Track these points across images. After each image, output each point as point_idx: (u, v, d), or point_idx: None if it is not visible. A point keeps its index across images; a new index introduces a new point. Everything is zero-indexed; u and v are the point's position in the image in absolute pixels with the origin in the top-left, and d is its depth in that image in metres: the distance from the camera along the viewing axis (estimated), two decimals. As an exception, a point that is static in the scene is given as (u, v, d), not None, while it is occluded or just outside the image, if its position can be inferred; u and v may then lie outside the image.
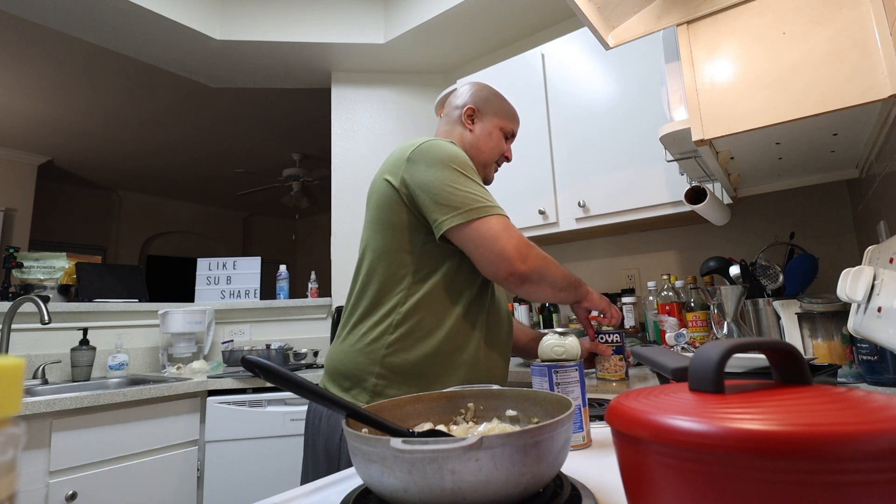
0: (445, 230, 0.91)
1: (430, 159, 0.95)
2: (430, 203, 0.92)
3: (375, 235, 0.99)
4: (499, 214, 0.93)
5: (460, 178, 0.93)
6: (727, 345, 0.33)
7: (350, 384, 0.93)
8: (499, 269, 0.91)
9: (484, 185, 0.98)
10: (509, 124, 1.17)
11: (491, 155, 1.13)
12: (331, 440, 0.91)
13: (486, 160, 1.13)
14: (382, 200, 0.98)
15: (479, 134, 1.13)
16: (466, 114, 1.14)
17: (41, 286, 2.17)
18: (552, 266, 0.95)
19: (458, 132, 1.13)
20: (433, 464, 0.39)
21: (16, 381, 0.17)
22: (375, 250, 0.98)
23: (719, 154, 1.20)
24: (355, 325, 0.97)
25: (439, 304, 0.94)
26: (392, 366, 0.91)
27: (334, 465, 0.88)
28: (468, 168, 0.96)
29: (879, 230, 1.16)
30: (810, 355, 1.14)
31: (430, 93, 2.86)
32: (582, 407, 0.66)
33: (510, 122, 1.17)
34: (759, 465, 0.25)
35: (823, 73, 0.93)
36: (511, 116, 1.18)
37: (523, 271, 0.91)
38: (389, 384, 0.91)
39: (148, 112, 4.31)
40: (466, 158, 0.98)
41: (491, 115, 1.14)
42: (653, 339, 1.83)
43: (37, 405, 1.40)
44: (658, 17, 1.13)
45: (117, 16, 2.26)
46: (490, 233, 0.90)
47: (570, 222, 1.90)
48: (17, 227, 4.84)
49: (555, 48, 2.00)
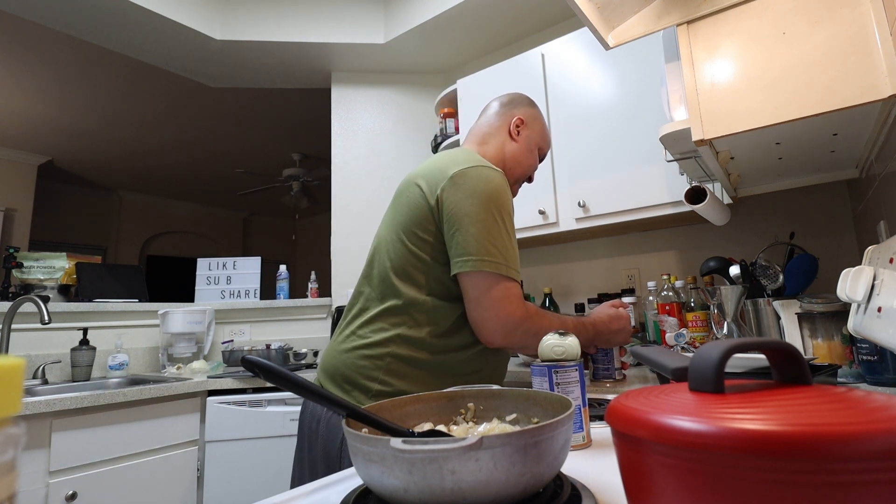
0: (458, 272, 0.90)
1: (473, 190, 0.92)
2: (459, 237, 0.90)
3: (395, 239, 0.97)
4: (511, 280, 0.91)
5: (496, 224, 0.92)
6: (727, 345, 0.33)
7: (351, 387, 0.92)
8: (478, 332, 0.92)
9: (513, 238, 0.96)
10: (545, 146, 1.18)
11: (526, 171, 1.13)
12: (330, 444, 0.90)
13: (520, 176, 1.12)
14: (413, 209, 0.95)
15: (523, 148, 1.11)
16: (516, 124, 1.12)
17: (41, 286, 2.17)
18: (536, 340, 0.85)
19: (502, 140, 1.11)
20: (433, 464, 0.39)
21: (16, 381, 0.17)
22: (392, 255, 0.96)
23: (719, 154, 1.20)
24: (361, 327, 0.95)
25: (446, 317, 0.93)
26: (396, 373, 0.91)
27: (334, 469, 0.86)
28: (505, 211, 0.94)
29: (879, 230, 1.16)
30: (810, 355, 1.14)
31: (430, 93, 2.86)
32: (582, 407, 0.66)
33: (546, 145, 1.18)
34: (759, 465, 0.25)
35: (823, 72, 0.93)
36: (548, 140, 1.18)
37: (499, 344, 0.92)
38: (394, 391, 0.90)
39: (148, 112, 4.31)
40: (507, 197, 0.96)
41: (534, 132, 1.14)
42: (653, 339, 1.83)
43: (37, 405, 1.40)
44: (658, 17, 1.13)
45: (117, 16, 2.26)
46: (494, 296, 0.89)
47: (570, 222, 1.90)
48: (17, 227, 4.84)
49: (555, 48, 2.00)
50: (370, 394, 0.90)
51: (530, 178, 1.16)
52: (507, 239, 0.93)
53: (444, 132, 2.49)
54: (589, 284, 2.21)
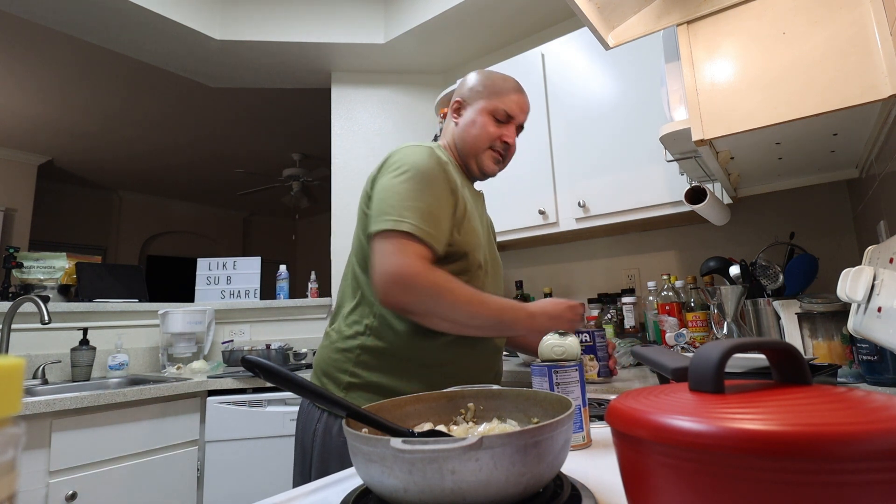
0: (368, 241, 0.88)
1: (390, 165, 0.92)
2: (372, 211, 0.90)
3: (357, 235, 0.99)
4: (405, 235, 0.83)
5: (403, 186, 0.87)
6: (727, 345, 0.33)
7: (327, 380, 0.94)
8: (378, 296, 0.84)
9: (430, 200, 0.88)
10: (501, 104, 1.03)
11: (477, 143, 1.03)
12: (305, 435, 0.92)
13: (472, 149, 1.03)
14: (362, 202, 0.98)
15: (463, 124, 1.05)
16: (453, 108, 1.09)
17: (41, 286, 2.17)
18: (448, 297, 0.83)
19: (450, 129, 1.09)
20: (433, 464, 0.39)
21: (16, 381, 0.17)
22: (355, 249, 0.99)
23: (719, 154, 1.20)
24: (337, 323, 0.98)
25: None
26: (366, 365, 0.91)
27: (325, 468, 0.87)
28: (421, 175, 0.89)
29: (879, 230, 1.16)
30: (810, 355, 1.14)
31: (430, 93, 2.86)
32: (582, 407, 0.66)
33: (502, 102, 1.04)
34: (759, 465, 0.25)
35: (823, 72, 0.93)
36: (502, 95, 1.04)
37: (386, 304, 0.83)
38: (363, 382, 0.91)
39: (148, 112, 4.30)
40: (428, 164, 0.91)
41: (478, 100, 1.05)
42: (653, 339, 1.83)
43: (37, 405, 1.40)
44: (658, 17, 1.13)
45: (117, 16, 2.26)
46: (380, 252, 0.84)
47: (570, 222, 1.90)
48: (17, 227, 4.84)
49: (555, 48, 2.00)
50: (341, 385, 0.91)
51: (506, 142, 1.04)
52: (415, 199, 0.86)
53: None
54: (589, 284, 2.21)
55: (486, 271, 1.01)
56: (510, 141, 1.05)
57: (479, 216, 1.04)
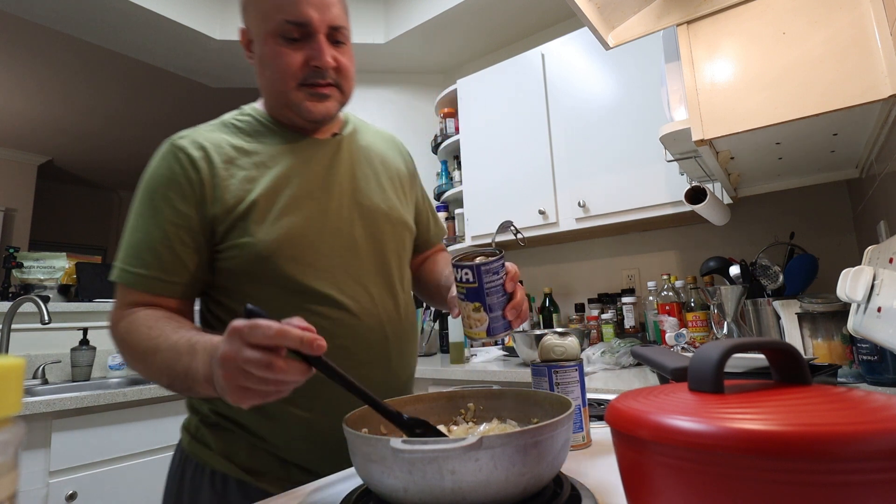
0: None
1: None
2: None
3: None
4: (120, 285, 0.70)
5: (130, 214, 0.73)
6: (727, 345, 0.33)
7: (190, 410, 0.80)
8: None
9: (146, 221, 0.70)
10: (281, 14, 0.72)
11: (276, 80, 0.74)
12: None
13: (278, 97, 0.76)
14: None
15: (257, 65, 0.77)
16: (243, 44, 0.79)
17: (41, 286, 2.17)
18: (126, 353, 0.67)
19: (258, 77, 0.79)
20: (433, 464, 0.39)
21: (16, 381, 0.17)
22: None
23: (719, 154, 1.20)
24: None
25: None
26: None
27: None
28: (144, 193, 0.72)
29: (879, 230, 1.16)
30: (810, 355, 1.14)
31: (430, 93, 2.86)
32: (582, 407, 0.66)
33: (282, 12, 0.72)
34: (759, 465, 0.25)
35: (823, 72, 0.93)
36: (275, 2, 0.73)
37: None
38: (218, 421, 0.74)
39: (148, 112, 4.30)
40: (153, 174, 0.72)
41: (257, 25, 0.75)
42: (653, 339, 1.83)
43: (37, 405, 1.40)
44: (658, 17, 1.13)
45: (117, 16, 2.26)
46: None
47: (570, 222, 1.90)
48: (17, 227, 4.84)
49: (555, 48, 2.00)
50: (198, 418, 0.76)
51: (317, 66, 0.73)
52: (130, 231, 0.71)
53: (444, 132, 2.49)
54: (589, 284, 2.21)
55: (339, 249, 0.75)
56: (321, 63, 0.72)
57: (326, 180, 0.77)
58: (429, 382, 1.83)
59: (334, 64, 0.74)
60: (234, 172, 0.73)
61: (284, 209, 0.72)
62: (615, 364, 1.56)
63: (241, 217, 0.70)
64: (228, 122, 0.79)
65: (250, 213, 0.70)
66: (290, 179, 0.74)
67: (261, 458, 0.72)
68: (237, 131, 0.77)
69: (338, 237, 0.75)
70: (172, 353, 0.61)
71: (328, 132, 0.83)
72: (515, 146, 2.08)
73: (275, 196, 0.72)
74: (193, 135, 0.74)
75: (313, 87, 0.74)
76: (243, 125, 0.78)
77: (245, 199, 0.71)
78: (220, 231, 0.71)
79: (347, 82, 0.78)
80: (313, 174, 0.77)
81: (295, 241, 0.72)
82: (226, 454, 0.72)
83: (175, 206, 0.70)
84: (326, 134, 0.82)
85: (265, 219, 0.71)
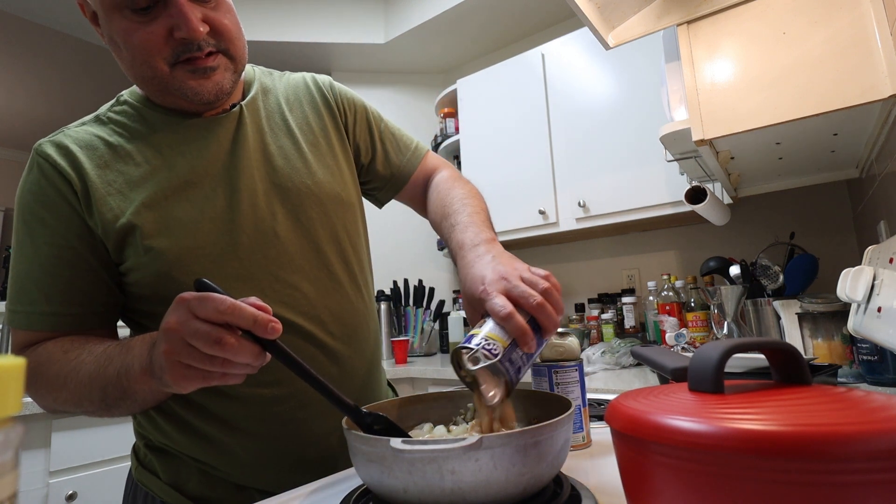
0: None
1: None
2: None
3: None
4: (12, 328, 0.62)
5: (13, 250, 0.62)
6: (727, 345, 0.33)
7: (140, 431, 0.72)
8: None
9: (27, 254, 0.60)
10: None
11: (139, 64, 0.59)
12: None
13: (145, 74, 0.61)
14: None
15: (109, 44, 0.63)
16: (89, 18, 0.64)
17: (41, 286, 2.17)
18: (33, 385, 0.60)
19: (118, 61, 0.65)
20: (433, 464, 0.39)
21: (16, 381, 0.17)
22: None
23: (719, 154, 1.20)
24: None
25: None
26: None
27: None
28: (16, 219, 0.62)
29: (879, 230, 1.16)
30: (810, 355, 1.14)
31: (430, 93, 2.86)
32: (582, 407, 0.66)
33: None
34: (759, 465, 0.25)
35: (823, 72, 0.93)
36: None
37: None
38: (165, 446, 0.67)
39: (148, 112, 4.31)
40: (19, 196, 0.63)
41: (97, 6, 0.59)
42: (653, 339, 1.83)
43: (37, 405, 1.40)
44: (658, 17, 1.13)
45: (117, 16, 2.26)
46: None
47: (571, 222, 1.90)
48: (17, 227, 4.84)
49: (555, 48, 2.00)
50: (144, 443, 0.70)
51: (184, 43, 0.58)
52: (16, 262, 0.61)
53: (444, 132, 2.49)
54: (589, 284, 2.21)
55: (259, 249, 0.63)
56: (189, 34, 0.57)
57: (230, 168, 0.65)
58: (429, 382, 1.83)
59: (206, 28, 0.58)
60: (112, 179, 0.60)
61: (181, 214, 0.61)
62: (615, 364, 1.56)
63: (126, 232, 0.59)
64: (103, 115, 0.67)
65: (136, 227, 0.59)
66: (183, 176, 0.62)
67: (213, 485, 0.64)
68: (113, 126, 0.65)
69: (255, 235, 0.63)
70: (102, 360, 0.54)
71: (225, 105, 0.68)
72: (515, 146, 2.08)
73: (165, 201, 0.60)
74: (60, 137, 0.63)
75: (191, 61, 0.59)
76: (120, 116, 0.66)
77: (126, 211, 0.59)
78: (111, 248, 0.60)
79: (233, 43, 0.62)
80: (213, 163, 0.64)
81: (199, 251, 0.60)
82: (175, 483, 0.64)
83: (50, 225, 0.59)
84: (222, 108, 0.67)
85: (158, 230, 0.59)
